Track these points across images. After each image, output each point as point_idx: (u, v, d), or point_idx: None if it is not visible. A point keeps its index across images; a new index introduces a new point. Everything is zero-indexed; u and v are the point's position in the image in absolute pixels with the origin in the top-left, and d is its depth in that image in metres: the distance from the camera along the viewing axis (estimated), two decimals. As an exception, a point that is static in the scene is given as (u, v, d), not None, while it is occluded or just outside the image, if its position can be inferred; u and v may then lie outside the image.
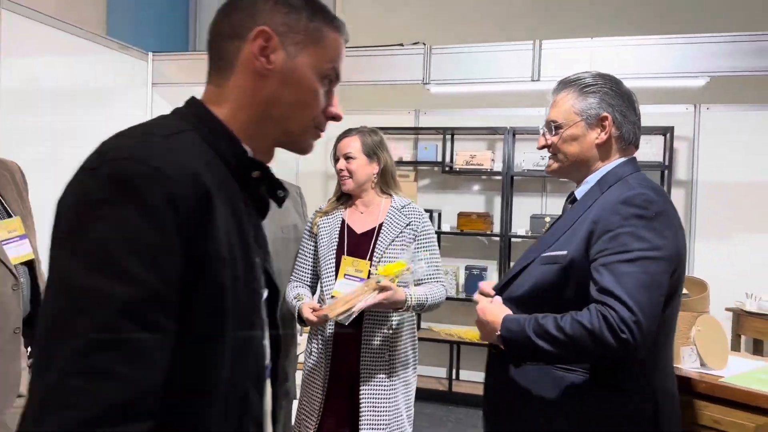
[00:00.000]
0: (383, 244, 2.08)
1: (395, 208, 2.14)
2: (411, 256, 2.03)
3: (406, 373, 2.14)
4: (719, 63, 2.74)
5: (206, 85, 0.86)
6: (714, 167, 4.12)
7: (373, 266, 2.06)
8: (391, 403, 2.06)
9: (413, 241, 2.11)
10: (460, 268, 4.51)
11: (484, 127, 4.34)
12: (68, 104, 2.83)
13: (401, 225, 2.10)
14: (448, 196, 4.62)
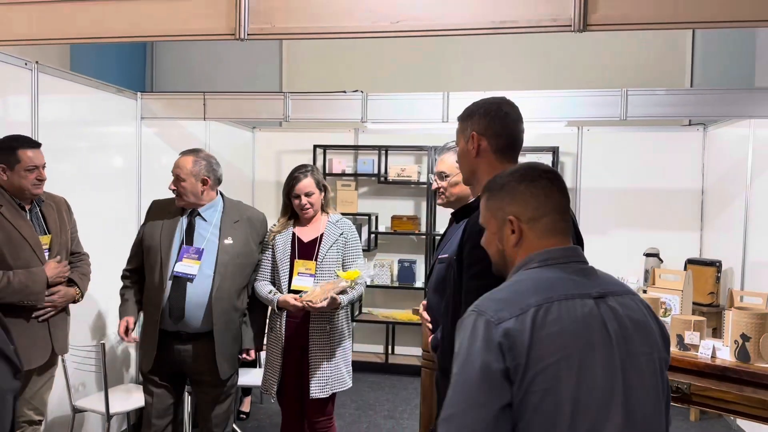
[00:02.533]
0: (324, 248, 2.90)
1: (331, 222, 2.95)
2: (363, 269, 2.88)
3: (343, 341, 2.93)
4: (578, 111, 3.81)
5: None
6: (593, 176, 5.24)
7: (318, 266, 2.85)
8: (332, 363, 2.89)
9: (345, 245, 2.93)
10: (394, 261, 5.49)
11: (412, 145, 5.32)
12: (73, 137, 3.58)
13: (336, 234, 2.93)
14: (383, 202, 5.58)
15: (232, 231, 2.80)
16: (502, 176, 1.38)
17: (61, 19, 2.10)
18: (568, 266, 1.29)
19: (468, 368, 1.17)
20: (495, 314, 1.19)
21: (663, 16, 1.82)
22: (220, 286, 2.73)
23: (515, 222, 1.31)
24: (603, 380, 1.18)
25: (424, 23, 1.94)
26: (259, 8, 1.99)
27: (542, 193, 1.32)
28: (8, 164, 2.52)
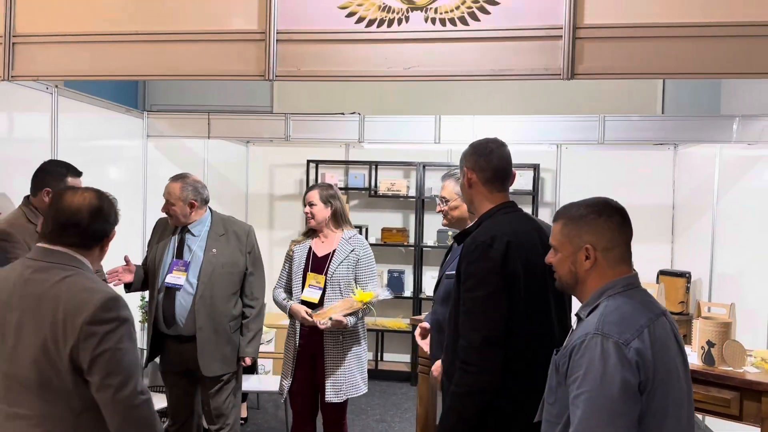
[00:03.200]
0: (335, 264, 3.15)
1: (344, 239, 3.20)
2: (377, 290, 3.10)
3: (358, 347, 3.17)
4: (560, 135, 4.15)
5: None
6: (572, 192, 5.56)
7: (327, 280, 3.09)
8: (346, 369, 3.13)
9: (358, 263, 3.15)
10: (383, 271, 5.77)
11: (401, 161, 5.61)
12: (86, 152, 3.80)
13: (347, 250, 3.17)
14: (373, 214, 5.85)
15: (217, 243, 3.07)
16: (580, 207, 1.60)
17: (106, 58, 2.34)
18: (641, 289, 1.57)
19: (607, 385, 1.38)
20: (620, 336, 1.42)
21: (639, 67, 2.15)
22: (203, 294, 2.98)
23: (591, 250, 1.54)
24: (684, 382, 1.50)
25: (433, 69, 2.23)
26: (286, 54, 2.27)
27: (617, 227, 1.56)
28: (54, 189, 2.72)
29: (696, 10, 2.10)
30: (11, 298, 1.60)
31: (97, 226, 1.67)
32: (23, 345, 1.55)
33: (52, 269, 1.59)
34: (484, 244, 1.93)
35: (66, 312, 1.54)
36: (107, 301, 1.57)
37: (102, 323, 1.55)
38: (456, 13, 2.19)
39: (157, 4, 2.34)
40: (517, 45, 2.17)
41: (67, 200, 1.67)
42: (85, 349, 1.52)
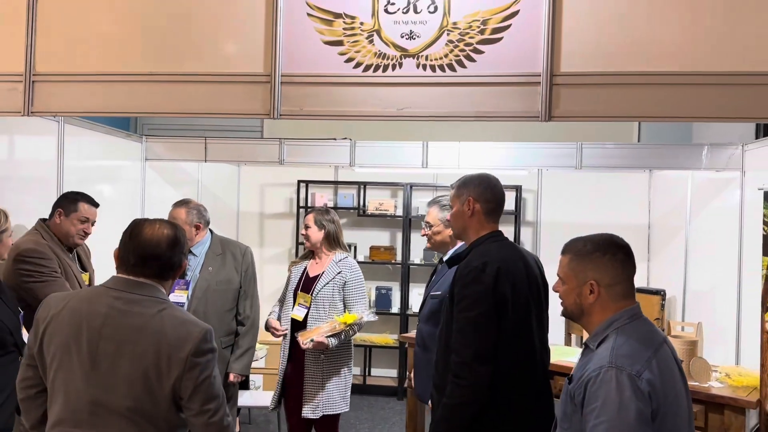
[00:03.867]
0: (320, 284, 3.33)
1: (334, 261, 3.38)
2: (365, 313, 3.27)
3: (340, 366, 3.28)
4: (541, 161, 4.41)
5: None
6: (552, 212, 5.85)
7: (313, 300, 3.27)
8: (325, 387, 3.22)
9: (345, 286, 3.30)
10: (371, 288, 5.97)
11: (389, 182, 5.84)
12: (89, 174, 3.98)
13: (334, 272, 3.34)
14: (362, 233, 6.06)
15: (214, 261, 3.28)
16: (587, 244, 1.73)
17: (121, 96, 2.54)
18: (643, 319, 1.73)
19: (624, 414, 1.51)
20: (632, 368, 1.54)
21: (610, 111, 2.40)
22: (196, 309, 3.16)
23: (595, 286, 1.67)
24: (686, 403, 1.67)
25: (423, 111, 2.47)
26: (290, 94, 2.49)
27: (620, 265, 1.69)
28: (66, 211, 2.91)
29: (662, 61, 2.36)
30: (104, 328, 1.67)
31: (176, 258, 1.77)
32: (119, 374, 1.65)
33: (144, 301, 1.70)
34: (476, 269, 2.14)
35: (171, 345, 1.65)
36: (206, 333, 1.73)
37: (203, 354, 1.69)
38: (445, 61, 2.43)
39: (170, 47, 2.55)
40: (500, 90, 2.41)
41: (147, 233, 1.74)
42: (189, 379, 1.66)
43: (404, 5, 2.44)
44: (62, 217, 2.91)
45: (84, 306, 1.71)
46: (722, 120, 2.45)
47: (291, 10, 2.48)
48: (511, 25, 2.40)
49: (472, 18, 2.41)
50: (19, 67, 2.61)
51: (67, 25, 2.63)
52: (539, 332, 2.30)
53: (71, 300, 1.75)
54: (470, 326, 2.12)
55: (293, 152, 4.47)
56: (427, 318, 2.90)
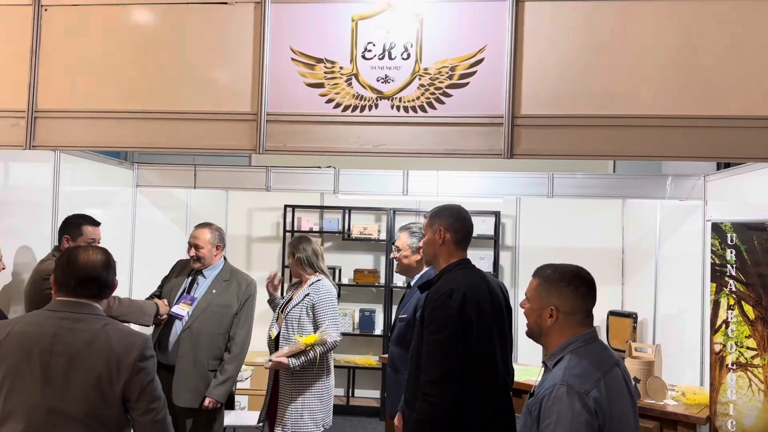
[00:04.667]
0: (290, 306, 3.52)
1: (307, 284, 3.56)
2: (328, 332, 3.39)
3: (308, 389, 3.39)
4: (515, 189, 4.65)
5: None
6: (530, 237, 6.09)
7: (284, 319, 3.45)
8: (292, 407, 3.35)
9: (313, 308, 3.43)
10: (355, 310, 6.17)
11: (372, 207, 6.06)
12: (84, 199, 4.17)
13: (303, 294, 3.52)
14: (346, 256, 6.27)
15: (219, 285, 3.48)
16: (555, 271, 1.91)
17: (118, 132, 2.76)
18: (598, 343, 1.93)
19: (575, 425, 1.70)
20: (581, 386, 1.74)
21: (566, 150, 2.64)
22: (192, 326, 3.35)
23: (555, 311, 1.87)
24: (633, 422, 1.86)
25: (397, 148, 2.70)
26: (274, 132, 2.72)
27: (581, 297, 1.87)
28: (72, 236, 3.10)
29: (614, 105, 2.62)
30: (55, 345, 1.89)
31: (110, 278, 2.03)
32: (74, 385, 1.88)
33: (88, 319, 1.96)
34: (444, 294, 2.34)
35: (118, 353, 1.89)
36: (147, 341, 1.99)
37: (146, 359, 1.94)
38: (417, 102, 2.67)
39: (163, 87, 2.78)
40: (467, 129, 2.65)
41: (83, 259, 1.99)
42: (137, 382, 1.90)
43: (380, 52, 2.69)
44: (70, 242, 3.08)
45: (32, 329, 1.92)
46: (669, 159, 2.70)
47: (276, 55, 2.72)
48: (477, 72, 2.65)
49: (442, 65, 2.66)
50: (22, 103, 2.82)
51: (68, 65, 2.85)
52: (502, 353, 2.51)
53: (15, 326, 1.95)
54: (438, 348, 2.31)
55: (280, 179, 4.69)
56: (396, 340, 3.10)
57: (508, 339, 2.58)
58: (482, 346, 2.36)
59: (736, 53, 2.56)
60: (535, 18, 2.64)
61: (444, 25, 2.68)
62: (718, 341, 2.81)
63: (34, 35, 2.82)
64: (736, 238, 2.76)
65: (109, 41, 2.83)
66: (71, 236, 3.11)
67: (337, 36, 2.69)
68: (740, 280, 2.72)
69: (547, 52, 2.65)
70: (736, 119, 2.55)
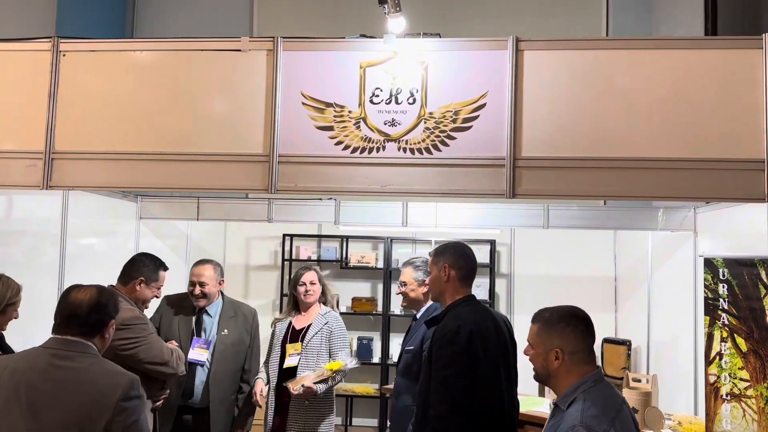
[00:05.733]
0: (311, 334, 3.63)
1: (321, 314, 3.70)
2: (346, 359, 3.57)
3: (323, 417, 3.53)
4: (511, 221, 4.79)
5: None
6: (525, 264, 6.22)
7: (304, 347, 3.57)
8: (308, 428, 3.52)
9: (330, 336, 3.61)
10: (353, 339, 6.23)
11: (370, 236, 6.17)
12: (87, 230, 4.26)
13: (322, 323, 3.66)
14: (344, 284, 6.36)
15: (228, 324, 3.54)
16: (553, 314, 2.00)
17: (134, 173, 2.87)
18: (606, 382, 2.00)
19: None
20: (599, 426, 1.79)
21: (566, 191, 2.78)
22: (216, 370, 3.44)
23: (560, 353, 1.93)
24: None
25: (404, 188, 2.83)
26: (285, 172, 2.84)
27: (581, 335, 1.95)
28: (148, 280, 3.03)
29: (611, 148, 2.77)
30: (42, 382, 1.91)
31: (95, 317, 1.99)
32: (57, 422, 1.87)
33: (75, 356, 1.97)
34: (452, 331, 2.43)
35: (101, 392, 1.89)
36: (133, 381, 1.99)
37: (131, 400, 1.93)
38: (423, 145, 2.81)
39: (178, 129, 2.90)
40: (470, 171, 2.79)
41: (72, 297, 2.00)
42: (119, 422, 1.91)
43: (387, 97, 2.83)
44: (143, 285, 3.01)
45: (23, 364, 1.97)
46: (660, 199, 2.85)
47: (288, 99, 2.85)
48: (479, 116, 2.79)
49: (446, 109, 2.80)
50: (40, 145, 2.92)
51: (85, 107, 2.97)
52: (508, 387, 2.61)
53: (11, 361, 2.00)
54: (446, 383, 2.40)
55: (281, 211, 4.80)
56: (402, 371, 3.19)
57: (513, 373, 2.68)
58: (489, 380, 2.45)
59: (722, 99, 2.73)
60: (534, 65, 2.80)
61: (447, 72, 2.83)
62: (713, 372, 2.93)
63: (53, 79, 2.93)
64: (727, 273, 2.90)
65: (124, 85, 2.95)
66: (147, 280, 3.01)
67: (346, 82, 2.83)
68: (732, 314, 2.85)
69: (546, 97, 2.80)
70: (723, 161, 2.71)
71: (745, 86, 2.70)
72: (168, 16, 7.22)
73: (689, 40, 2.84)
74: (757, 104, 2.66)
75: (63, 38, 2.93)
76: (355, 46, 2.85)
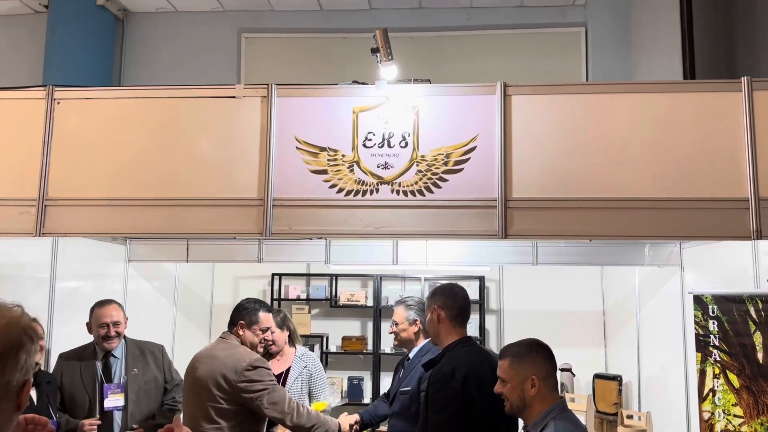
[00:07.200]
0: (291, 379, 3.63)
1: (298, 356, 3.71)
2: (329, 398, 3.60)
3: None
4: (500, 258, 4.83)
5: None
6: (513, 300, 6.25)
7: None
8: None
9: (311, 378, 3.62)
10: (343, 378, 6.17)
11: (360, 273, 6.17)
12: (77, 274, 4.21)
13: (301, 367, 3.67)
14: (334, 323, 6.33)
15: (137, 363, 3.46)
16: (521, 347, 2.17)
17: (127, 219, 2.87)
18: (569, 410, 2.14)
19: None
20: None
21: (557, 231, 2.83)
22: (134, 412, 3.34)
23: (536, 380, 2.09)
24: None
25: (397, 229, 2.86)
26: (280, 215, 2.86)
27: (548, 361, 2.13)
28: (247, 322, 2.98)
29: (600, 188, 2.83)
30: None
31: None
32: None
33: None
34: (447, 374, 2.44)
35: None
36: None
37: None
38: (416, 187, 2.85)
39: (172, 175, 2.92)
40: (463, 212, 2.83)
41: None
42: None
43: (380, 141, 2.88)
44: (245, 329, 2.98)
45: None
46: (646, 239, 2.90)
47: (282, 144, 2.89)
48: (470, 159, 2.85)
49: (438, 152, 2.86)
50: (33, 192, 2.92)
51: (79, 155, 2.98)
52: (505, 429, 2.60)
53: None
54: (442, 427, 2.41)
55: (271, 251, 4.80)
56: (399, 414, 3.17)
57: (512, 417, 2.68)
58: (485, 423, 2.46)
59: (705, 140, 2.82)
60: (522, 109, 2.88)
61: (438, 116, 2.90)
62: (707, 409, 2.95)
63: (47, 127, 2.95)
64: (717, 309, 2.95)
65: (118, 132, 2.98)
66: (246, 322, 2.98)
67: (339, 126, 2.88)
68: (723, 350, 2.89)
69: (534, 140, 2.88)
70: (709, 200, 2.79)
71: (727, 127, 2.79)
72: (155, 60, 7.31)
73: (671, 84, 2.95)
74: (739, 145, 2.75)
75: (58, 86, 2.96)
76: (348, 92, 2.92)
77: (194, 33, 7.39)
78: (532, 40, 7.13)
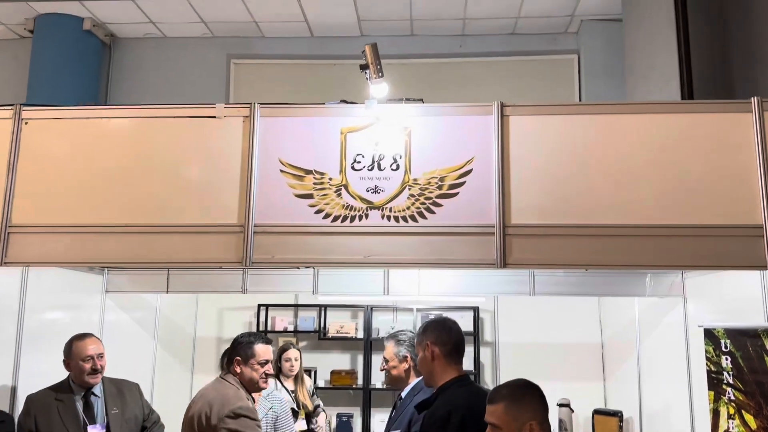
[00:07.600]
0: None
1: (263, 397, 3.48)
2: None
3: None
4: (497, 288, 4.64)
5: None
6: (509, 332, 6.03)
7: None
8: None
9: (276, 420, 3.41)
10: (332, 416, 5.88)
11: (349, 304, 5.94)
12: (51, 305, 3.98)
13: (266, 408, 3.46)
14: (323, 356, 6.07)
15: (115, 401, 3.30)
16: (514, 390, 2.00)
17: (97, 247, 2.66)
18: None
19: None
20: None
21: (559, 259, 2.65)
22: None
23: (535, 426, 1.90)
24: None
25: (387, 258, 2.67)
26: (262, 243, 2.66)
27: (542, 401, 1.96)
28: (243, 357, 2.78)
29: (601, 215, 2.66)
30: None
31: None
32: None
33: None
34: (442, 418, 2.27)
35: None
36: None
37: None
38: (407, 212, 2.67)
39: (146, 200, 2.72)
40: (458, 239, 2.65)
41: None
42: None
43: (369, 163, 2.71)
44: (242, 366, 2.80)
45: None
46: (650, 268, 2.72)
47: (265, 167, 2.71)
48: (466, 182, 2.68)
49: (431, 175, 2.69)
50: (-5, 218, 2.71)
51: (46, 178, 2.78)
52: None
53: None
54: None
55: (256, 281, 4.58)
56: (391, 454, 2.95)
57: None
58: None
59: (713, 163, 2.66)
60: (520, 131, 2.72)
61: (431, 138, 2.73)
62: (722, 453, 2.74)
63: (13, 148, 2.76)
64: (730, 344, 2.76)
65: (90, 154, 2.79)
66: (242, 358, 2.81)
67: (326, 148, 2.71)
68: (738, 388, 2.69)
69: (533, 162, 2.71)
70: (718, 228, 2.62)
71: (735, 149, 2.64)
72: (143, 86, 7.17)
73: (675, 104, 2.81)
74: (749, 168, 2.59)
75: (26, 106, 2.78)
76: (336, 112, 2.75)
77: (183, 58, 7.28)
78: (524, 67, 7.06)
